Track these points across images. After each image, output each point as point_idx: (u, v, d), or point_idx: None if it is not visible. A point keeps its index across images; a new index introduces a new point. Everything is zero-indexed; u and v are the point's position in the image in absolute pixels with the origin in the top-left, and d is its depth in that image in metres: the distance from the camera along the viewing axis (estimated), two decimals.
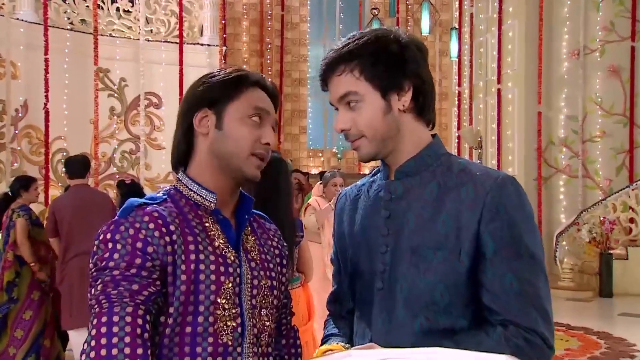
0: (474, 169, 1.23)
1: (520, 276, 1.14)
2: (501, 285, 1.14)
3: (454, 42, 10.51)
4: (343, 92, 1.24)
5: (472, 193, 1.18)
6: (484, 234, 1.16)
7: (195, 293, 1.16)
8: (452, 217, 1.18)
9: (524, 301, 1.14)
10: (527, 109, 9.05)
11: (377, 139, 1.24)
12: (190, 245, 1.18)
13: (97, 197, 4.66)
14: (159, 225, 1.16)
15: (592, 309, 7.26)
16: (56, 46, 7.66)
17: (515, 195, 1.18)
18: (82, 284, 4.26)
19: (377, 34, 1.26)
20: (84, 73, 7.99)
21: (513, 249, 1.15)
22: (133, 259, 1.12)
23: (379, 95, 1.23)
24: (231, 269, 1.21)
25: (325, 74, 1.27)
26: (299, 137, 11.83)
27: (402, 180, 1.26)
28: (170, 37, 8.92)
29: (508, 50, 9.44)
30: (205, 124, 1.25)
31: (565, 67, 8.99)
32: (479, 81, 10.38)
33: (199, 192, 1.25)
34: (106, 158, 8.40)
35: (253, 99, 1.25)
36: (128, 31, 8.75)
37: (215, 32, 9.19)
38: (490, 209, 1.16)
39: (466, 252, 1.17)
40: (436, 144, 1.28)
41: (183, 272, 1.15)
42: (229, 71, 1.28)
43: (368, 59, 1.22)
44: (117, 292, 1.10)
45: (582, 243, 8.04)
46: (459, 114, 11.03)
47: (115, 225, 1.16)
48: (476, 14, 10.44)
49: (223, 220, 1.26)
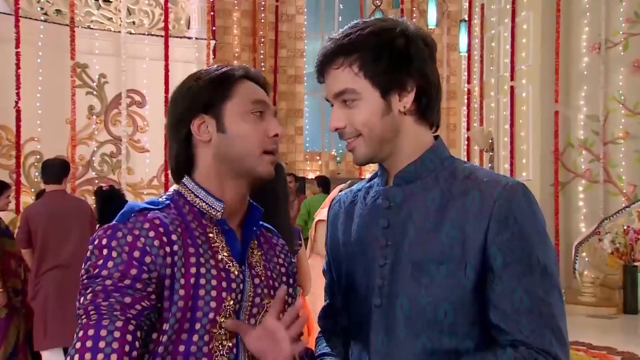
0: (480, 175, 1.23)
1: (532, 292, 1.13)
2: (511, 303, 1.14)
3: (463, 35, 10.52)
4: (340, 88, 1.24)
5: (478, 201, 1.18)
6: (492, 247, 1.15)
7: (193, 310, 1.15)
8: (457, 227, 1.18)
9: (536, 320, 1.13)
10: (543, 108, 9.04)
11: (373, 139, 1.24)
12: (191, 258, 1.17)
13: (74, 204, 4.63)
14: (160, 234, 1.15)
15: (616, 327, 7.24)
16: (29, 39, 7.59)
17: (526, 203, 1.17)
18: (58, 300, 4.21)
19: (383, 25, 1.24)
20: (60, 68, 7.92)
21: (524, 262, 1.14)
22: (128, 269, 1.12)
23: (378, 95, 1.22)
24: (234, 284, 1.21)
25: (321, 65, 1.27)
26: (295, 139, 11.80)
27: (402, 187, 1.26)
28: (155, 30, 8.88)
29: (522, 44, 9.44)
30: (205, 131, 1.25)
31: (585, 62, 8.98)
32: (490, 78, 10.38)
33: (206, 200, 1.24)
34: (84, 161, 8.34)
35: (248, 93, 1.27)
36: (108, 23, 8.70)
37: (204, 25, 9.15)
38: (498, 219, 1.15)
39: (472, 266, 1.16)
40: (439, 147, 1.28)
41: (182, 286, 1.15)
42: (212, 70, 1.29)
43: (370, 53, 1.21)
44: (108, 303, 1.09)
45: (604, 254, 8.02)
46: (469, 114, 11.03)
47: (112, 230, 1.15)
48: (487, 4, 10.45)
49: (228, 232, 1.25)
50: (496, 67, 10.16)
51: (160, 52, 8.57)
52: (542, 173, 9.06)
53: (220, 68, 1.30)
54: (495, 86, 10.21)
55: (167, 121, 1.31)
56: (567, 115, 9.06)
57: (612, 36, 8.79)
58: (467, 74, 11.15)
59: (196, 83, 1.28)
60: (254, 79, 1.32)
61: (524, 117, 9.40)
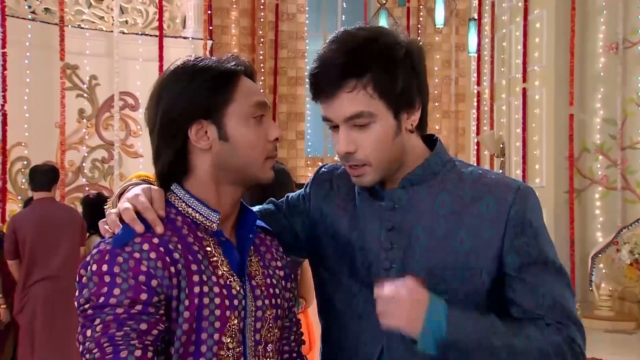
0: (488, 178, 1.29)
1: (553, 290, 1.24)
2: (535, 300, 1.24)
3: (472, 35, 10.51)
4: (354, 112, 1.22)
5: (493, 207, 1.24)
6: (510, 251, 1.23)
7: (198, 331, 1.14)
8: (472, 234, 1.23)
9: (560, 314, 1.24)
10: (557, 111, 8.99)
11: (383, 165, 1.26)
12: (194, 276, 1.16)
13: (64, 212, 4.63)
14: (162, 254, 1.14)
15: (635, 343, 7.19)
16: (16, 39, 7.60)
17: (537, 206, 1.27)
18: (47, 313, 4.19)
19: (386, 40, 1.23)
20: (49, 70, 7.93)
21: (540, 263, 1.24)
22: (137, 294, 1.10)
23: (391, 115, 1.24)
24: (236, 301, 1.20)
25: (327, 86, 1.24)
26: (296, 144, 11.78)
27: (407, 189, 1.28)
28: (149, 30, 8.89)
29: (535, 44, 9.39)
30: (204, 139, 1.22)
31: (601, 62, 8.95)
32: (501, 79, 10.32)
33: (199, 210, 1.22)
34: (74, 167, 8.34)
35: (249, 94, 1.24)
36: (100, 22, 8.71)
37: (200, 24, 9.17)
38: (515, 224, 1.23)
39: (488, 272, 1.24)
40: (441, 150, 1.32)
41: (186, 307, 1.14)
42: (208, 65, 1.24)
43: (382, 72, 1.21)
44: (123, 333, 1.07)
45: (622, 265, 7.97)
46: (478, 117, 11.00)
47: (110, 255, 1.13)
48: (498, 2, 10.43)
49: (225, 243, 1.23)
50: (507, 68, 10.13)
51: (154, 53, 8.57)
52: (556, 179, 9.02)
53: (215, 63, 1.25)
54: (506, 88, 10.15)
55: (155, 124, 1.25)
56: (583, 118, 9.02)
57: (630, 35, 8.77)
58: (476, 75, 11.13)
59: (191, 84, 1.22)
60: (248, 73, 1.29)
61: (537, 120, 9.34)
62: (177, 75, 1.25)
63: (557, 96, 8.98)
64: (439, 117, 11.12)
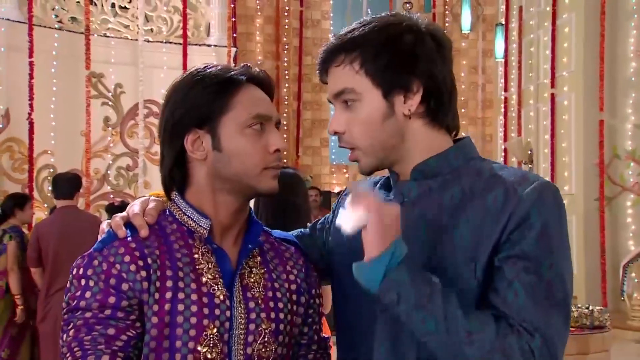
0: (507, 173, 1.20)
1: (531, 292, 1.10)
2: (504, 295, 1.10)
3: (499, 40, 10.42)
4: (339, 88, 1.21)
5: (500, 200, 1.15)
6: (505, 243, 1.12)
7: (171, 338, 1.12)
8: (473, 227, 1.15)
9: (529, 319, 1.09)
10: (586, 117, 8.90)
11: (375, 149, 1.21)
12: (167, 282, 1.14)
13: (87, 220, 4.65)
14: (135, 258, 1.13)
15: None
16: (43, 48, 7.68)
17: (554, 206, 1.15)
18: None
19: (389, 20, 1.22)
20: (75, 78, 8.02)
21: (532, 262, 1.11)
22: (106, 298, 1.09)
23: (379, 95, 1.19)
24: (218, 310, 1.16)
25: (323, 64, 1.24)
26: (321, 151, 11.75)
27: (419, 182, 1.22)
28: (173, 38, 8.95)
29: (564, 48, 9.32)
30: (200, 148, 1.20)
31: (632, 67, 8.81)
32: (529, 85, 10.25)
33: (193, 217, 1.21)
34: (99, 175, 8.40)
35: (249, 104, 1.21)
36: (125, 31, 8.79)
37: (225, 31, 9.20)
38: (519, 216, 1.12)
39: (481, 265, 1.14)
40: (466, 145, 1.25)
41: (155, 313, 1.11)
42: (210, 73, 1.22)
43: (371, 49, 1.19)
44: (91, 337, 1.07)
45: None
46: (506, 124, 10.91)
47: (89, 258, 1.14)
48: (526, 7, 10.35)
49: (218, 251, 1.21)
50: (535, 74, 10.05)
51: (178, 61, 8.61)
52: (586, 187, 8.89)
53: (220, 71, 1.23)
54: (534, 94, 10.08)
55: (161, 132, 1.25)
56: (613, 124, 8.89)
57: None
58: (504, 81, 11.04)
59: (191, 91, 1.21)
60: (257, 81, 1.26)
61: (566, 126, 9.26)
62: (181, 82, 1.24)
63: (587, 102, 8.89)
64: (465, 124, 11.02)
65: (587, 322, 4.52)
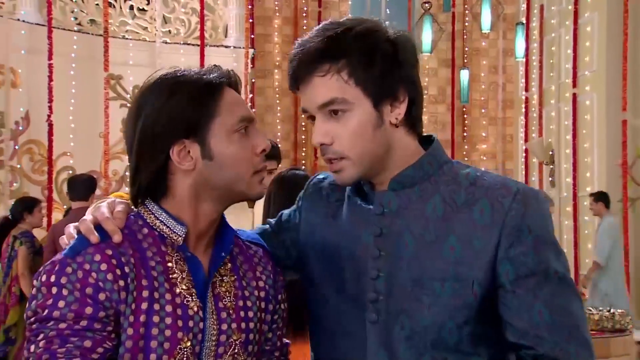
0: (486, 181, 1.20)
1: (551, 304, 1.13)
2: (530, 318, 1.13)
3: (520, 39, 10.28)
4: (327, 98, 1.17)
5: (488, 212, 1.16)
6: (504, 261, 1.14)
7: (146, 352, 1.08)
8: (463, 241, 1.16)
9: (559, 333, 1.13)
10: (608, 117, 8.76)
11: (363, 159, 1.18)
12: (143, 292, 1.10)
13: None
14: (113, 267, 1.08)
15: None
16: (62, 50, 7.72)
17: (541, 212, 1.17)
18: None
19: (368, 26, 1.19)
20: (93, 80, 8.05)
21: (539, 274, 1.14)
22: (83, 308, 1.05)
23: (370, 104, 1.17)
24: (192, 322, 1.12)
25: (300, 73, 1.18)
26: None
27: (397, 192, 1.21)
28: (191, 39, 8.96)
29: (586, 47, 9.20)
30: (187, 159, 1.15)
31: None
32: (550, 85, 10.14)
33: (167, 223, 1.16)
34: (118, 177, 8.44)
35: (232, 107, 1.17)
36: (143, 32, 8.82)
37: (242, 33, 9.19)
38: (510, 232, 1.14)
39: (479, 283, 1.15)
40: (437, 150, 1.24)
41: (130, 324, 1.07)
42: (188, 78, 1.17)
43: (360, 57, 1.16)
44: (66, 350, 1.03)
45: None
46: (527, 124, 10.79)
47: (60, 265, 1.07)
48: (547, 6, 10.24)
49: (191, 259, 1.17)
50: (557, 73, 9.94)
51: (196, 62, 8.58)
52: (609, 188, 8.75)
53: (199, 75, 1.18)
54: (555, 94, 9.96)
55: (133, 142, 1.17)
56: (636, 124, 8.76)
57: None
58: (524, 81, 10.93)
59: (172, 100, 1.15)
60: (233, 83, 1.22)
61: (588, 127, 9.14)
62: (156, 89, 1.17)
63: (609, 101, 8.78)
64: (485, 124, 10.92)
65: (608, 325, 4.44)
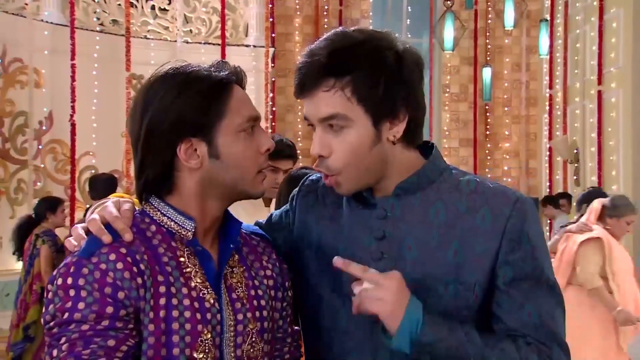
0: (485, 188, 1.26)
1: (541, 308, 1.21)
2: (519, 317, 1.21)
3: (544, 36, 10.18)
4: (329, 113, 1.19)
5: (489, 219, 1.22)
6: (503, 265, 1.21)
7: (168, 346, 1.08)
8: (466, 246, 1.21)
9: (544, 334, 1.20)
10: (634, 114, 8.63)
11: (358, 174, 1.21)
12: (160, 287, 1.10)
13: None
14: (129, 265, 1.08)
15: None
16: (84, 50, 7.79)
17: (535, 220, 1.25)
18: None
19: (376, 43, 1.19)
20: (116, 80, 8.11)
21: (533, 279, 1.21)
22: (103, 307, 1.05)
23: (369, 122, 1.19)
24: (209, 315, 1.13)
25: (306, 83, 1.20)
26: None
27: (400, 197, 1.24)
28: (212, 38, 8.99)
29: (611, 44, 9.07)
30: (194, 156, 1.16)
31: None
32: (574, 82, 10.01)
33: (175, 219, 1.17)
34: None
35: (240, 106, 1.18)
36: (164, 32, 8.86)
37: (263, 32, 9.20)
38: (511, 238, 1.21)
39: (481, 285, 1.22)
40: (437, 158, 1.29)
41: (151, 320, 1.08)
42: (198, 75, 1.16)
43: (365, 76, 1.17)
44: (90, 351, 1.02)
45: None
46: (551, 122, 10.67)
47: (76, 266, 1.07)
48: (572, 2, 10.13)
49: (202, 253, 1.17)
50: (581, 70, 9.82)
51: None
52: (635, 187, 8.63)
53: (207, 73, 1.17)
54: (580, 91, 9.84)
55: (139, 137, 1.17)
56: None
57: None
58: (548, 78, 10.81)
59: (182, 98, 1.14)
60: (241, 80, 1.22)
61: (613, 124, 9.01)
62: (165, 85, 1.16)
63: (635, 98, 8.63)
64: (508, 122, 10.82)
65: None
